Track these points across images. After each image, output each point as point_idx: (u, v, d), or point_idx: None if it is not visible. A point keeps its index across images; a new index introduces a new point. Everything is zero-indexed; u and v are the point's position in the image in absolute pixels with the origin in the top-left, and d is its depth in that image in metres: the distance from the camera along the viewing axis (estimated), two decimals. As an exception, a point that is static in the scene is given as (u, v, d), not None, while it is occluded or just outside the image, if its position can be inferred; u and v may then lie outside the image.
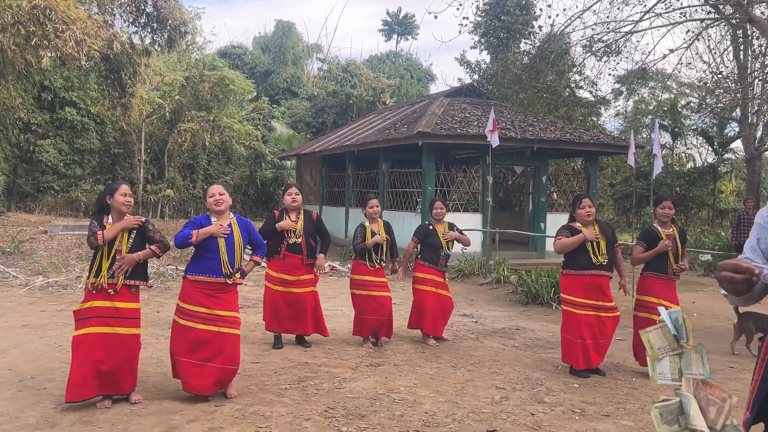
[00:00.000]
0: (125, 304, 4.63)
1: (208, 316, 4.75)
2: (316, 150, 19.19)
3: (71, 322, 7.46)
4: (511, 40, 23.96)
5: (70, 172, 24.40)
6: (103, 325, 4.54)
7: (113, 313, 4.58)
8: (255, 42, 41.74)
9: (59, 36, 15.08)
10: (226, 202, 4.94)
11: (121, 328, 4.59)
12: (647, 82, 23.13)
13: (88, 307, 4.59)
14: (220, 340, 4.77)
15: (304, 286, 6.44)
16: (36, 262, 12.04)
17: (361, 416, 4.51)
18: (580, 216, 5.76)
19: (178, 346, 4.80)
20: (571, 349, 5.70)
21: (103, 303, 4.57)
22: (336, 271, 13.01)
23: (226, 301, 4.85)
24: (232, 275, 4.85)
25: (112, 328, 4.56)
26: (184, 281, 4.92)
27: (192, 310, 4.77)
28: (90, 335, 4.53)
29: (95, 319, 4.55)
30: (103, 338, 4.54)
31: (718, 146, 23.52)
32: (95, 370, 4.50)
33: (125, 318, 4.62)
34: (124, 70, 18.87)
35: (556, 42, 16.03)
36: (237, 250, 4.90)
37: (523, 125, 15.22)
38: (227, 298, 4.87)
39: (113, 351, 4.56)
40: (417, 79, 41.11)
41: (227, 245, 4.85)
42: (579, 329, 5.64)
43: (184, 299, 4.84)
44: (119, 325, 4.59)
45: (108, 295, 4.57)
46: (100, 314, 4.55)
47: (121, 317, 4.60)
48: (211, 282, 4.81)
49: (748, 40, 16.52)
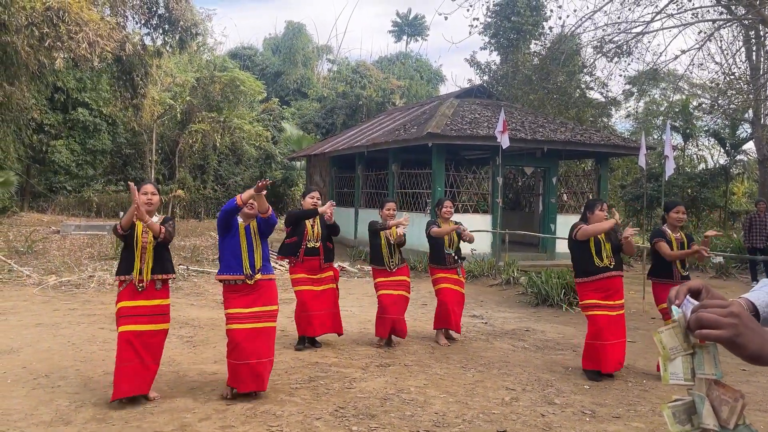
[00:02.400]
0: (153, 302, 4.74)
1: (252, 315, 4.89)
2: (326, 151, 19.23)
3: (84, 321, 7.56)
4: (522, 41, 23.91)
5: (82, 172, 24.60)
6: (133, 323, 4.65)
7: (142, 311, 4.69)
8: (265, 43, 41.88)
9: (72, 37, 15.22)
10: (256, 207, 4.98)
11: (152, 325, 4.71)
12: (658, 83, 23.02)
13: (121, 307, 4.69)
14: (265, 335, 4.90)
15: (325, 283, 6.55)
16: (49, 261, 12.16)
17: (371, 416, 4.53)
18: (599, 218, 5.75)
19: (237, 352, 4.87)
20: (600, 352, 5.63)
21: (131, 303, 4.67)
22: (345, 271, 13.04)
23: (262, 295, 4.97)
24: (253, 276, 4.91)
25: (142, 326, 4.68)
26: (223, 289, 5.06)
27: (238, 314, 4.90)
28: (129, 332, 4.65)
29: (125, 318, 4.66)
30: (133, 336, 4.65)
31: (730, 147, 23.35)
32: (137, 367, 4.63)
33: (156, 314, 4.75)
34: (135, 71, 19.01)
35: (566, 43, 16.00)
36: (257, 253, 4.96)
37: (533, 126, 15.19)
38: (265, 292, 4.99)
39: (144, 348, 4.66)
40: (427, 80, 41.08)
41: (248, 247, 4.93)
42: (608, 329, 5.61)
43: (229, 305, 4.95)
44: (151, 322, 4.70)
45: (135, 294, 4.67)
46: (129, 314, 4.66)
47: (151, 314, 4.72)
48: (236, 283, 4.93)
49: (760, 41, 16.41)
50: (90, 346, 6.39)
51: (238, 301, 4.91)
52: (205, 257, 13.68)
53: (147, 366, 4.70)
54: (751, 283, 12.42)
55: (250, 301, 4.93)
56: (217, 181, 27.99)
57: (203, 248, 15.33)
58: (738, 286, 12.30)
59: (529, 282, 10.34)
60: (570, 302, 9.34)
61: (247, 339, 4.84)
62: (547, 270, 10.59)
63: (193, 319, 7.81)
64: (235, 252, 4.93)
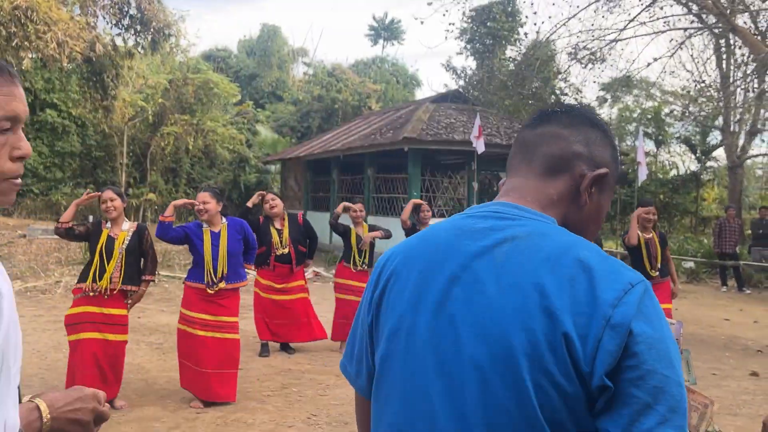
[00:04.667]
0: (115, 311, 4.59)
1: (209, 322, 4.77)
2: (301, 155, 19.10)
3: (50, 327, 7.33)
4: (497, 47, 24.06)
5: (50, 175, 24.06)
6: (95, 330, 4.51)
7: (104, 319, 4.55)
8: (240, 45, 41.56)
9: (41, 37, 14.89)
10: (211, 210, 4.88)
11: (110, 335, 4.56)
12: (631, 90, 23.34)
13: (80, 313, 4.54)
14: (222, 345, 4.78)
15: (293, 293, 6.40)
16: (14, 266, 11.83)
17: (344, 423, 4.44)
18: None
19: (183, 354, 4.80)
20: None
21: (93, 308, 4.52)
22: (320, 276, 12.92)
23: (225, 306, 4.86)
24: (215, 284, 4.78)
25: (102, 334, 4.53)
26: (185, 287, 5.00)
27: (192, 317, 4.80)
28: (82, 341, 4.49)
29: (87, 324, 4.51)
30: (95, 344, 4.51)
31: (700, 154, 23.75)
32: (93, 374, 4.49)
33: (115, 324, 4.60)
34: (106, 72, 18.68)
35: (541, 49, 16.12)
36: (222, 261, 4.84)
37: (508, 131, 15.25)
38: (226, 303, 4.88)
39: (103, 357, 4.53)
40: (403, 84, 41.14)
41: (212, 254, 4.81)
42: None
43: (185, 305, 4.88)
44: (109, 331, 4.56)
45: (99, 301, 4.52)
46: (92, 320, 4.51)
47: (111, 323, 4.57)
48: (202, 288, 4.85)
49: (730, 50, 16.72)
50: (55, 353, 6.18)
51: (196, 306, 4.79)
52: (176, 262, 13.44)
53: (107, 377, 4.54)
54: (721, 288, 12.61)
55: (211, 308, 4.80)
56: (190, 185, 27.63)
57: (174, 253, 15.07)
58: (708, 291, 12.48)
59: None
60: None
61: (204, 347, 4.72)
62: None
63: (164, 326, 7.63)
64: (197, 259, 4.90)
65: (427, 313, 1.03)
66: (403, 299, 1.07)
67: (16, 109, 1.01)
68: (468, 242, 1.04)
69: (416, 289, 1.06)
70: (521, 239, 1.00)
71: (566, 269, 0.94)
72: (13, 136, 1.02)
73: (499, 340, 0.93)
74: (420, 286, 1.05)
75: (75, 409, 1.15)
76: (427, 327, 1.02)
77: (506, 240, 1.01)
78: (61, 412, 1.13)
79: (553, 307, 0.91)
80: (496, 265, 0.99)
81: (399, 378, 1.05)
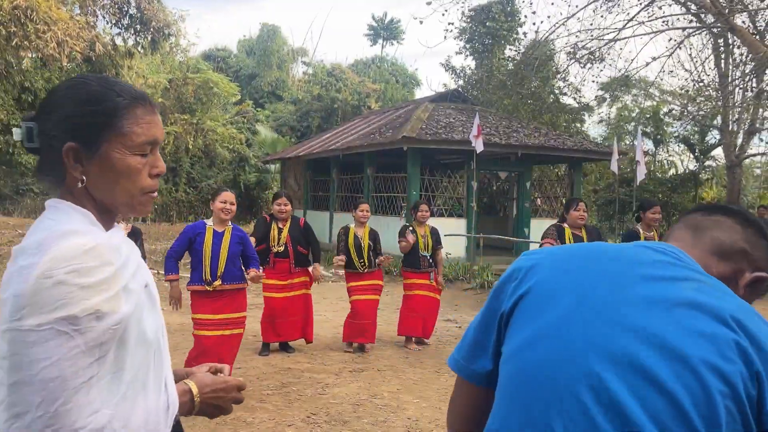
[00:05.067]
0: None
1: (220, 321, 4.85)
2: (300, 154, 19.11)
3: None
4: (496, 46, 24.08)
5: (51, 174, 24.07)
6: None
7: None
8: (239, 45, 41.57)
9: (40, 37, 14.91)
10: (233, 212, 4.98)
11: None
12: (630, 90, 23.34)
13: None
14: (230, 342, 4.93)
15: (297, 289, 6.44)
16: (14, 265, 11.85)
17: (344, 422, 4.47)
18: (573, 218, 5.78)
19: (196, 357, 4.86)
20: None
21: None
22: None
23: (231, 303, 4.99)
24: (212, 282, 4.86)
25: None
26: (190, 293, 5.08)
27: (204, 319, 4.90)
28: None
29: None
30: None
31: (699, 153, 23.78)
32: None
33: None
34: (106, 72, 18.68)
35: (540, 49, 16.13)
36: (222, 260, 4.91)
37: (507, 131, 15.27)
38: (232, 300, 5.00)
39: None
40: (402, 83, 41.16)
41: (212, 252, 4.87)
42: None
43: (195, 310, 4.97)
44: None
45: None
46: None
47: None
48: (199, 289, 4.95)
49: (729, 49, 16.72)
50: (55, 352, 6.21)
51: (206, 307, 4.86)
52: (176, 261, 13.46)
53: None
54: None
55: (218, 307, 4.89)
56: (190, 184, 27.65)
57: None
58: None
59: (503, 286, 10.36)
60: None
61: (215, 345, 4.79)
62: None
63: (163, 324, 7.66)
64: (197, 259, 4.96)
65: (603, 326, 1.03)
66: (557, 309, 1.08)
67: (155, 134, 1.22)
68: (649, 270, 1.10)
69: (579, 305, 1.07)
70: (704, 282, 1.09)
71: (752, 315, 1.03)
72: (152, 156, 1.22)
73: (687, 363, 0.96)
74: (585, 305, 1.06)
75: (218, 396, 1.33)
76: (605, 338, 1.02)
77: (692, 278, 1.09)
78: (206, 396, 1.31)
79: (745, 344, 0.98)
80: (686, 296, 1.04)
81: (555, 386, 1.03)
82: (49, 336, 1.01)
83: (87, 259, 1.06)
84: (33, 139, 1.18)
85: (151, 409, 1.15)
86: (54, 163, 1.17)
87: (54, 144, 1.15)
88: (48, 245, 1.06)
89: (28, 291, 1.02)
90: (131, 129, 1.17)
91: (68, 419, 1.01)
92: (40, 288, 1.01)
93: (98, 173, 1.16)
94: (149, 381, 1.16)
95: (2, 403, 1.03)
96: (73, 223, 1.13)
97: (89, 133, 1.15)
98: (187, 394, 1.29)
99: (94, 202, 1.19)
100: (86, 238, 1.09)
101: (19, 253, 1.09)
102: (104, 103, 1.16)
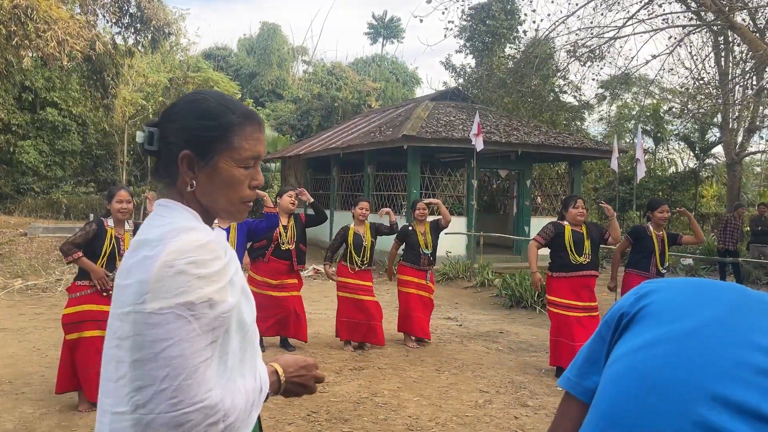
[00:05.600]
0: None
1: None
2: (301, 152, 19.12)
3: (50, 325, 7.37)
4: (496, 45, 24.06)
5: (51, 173, 24.08)
6: (97, 329, 4.52)
7: (106, 317, 4.56)
8: (240, 44, 41.55)
9: (41, 36, 14.91)
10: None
11: None
12: (630, 88, 23.33)
13: (81, 311, 4.55)
14: None
15: (287, 290, 6.42)
16: (15, 264, 11.87)
17: (344, 420, 4.48)
18: (572, 215, 5.80)
19: None
20: (563, 351, 5.69)
21: (95, 307, 4.54)
22: (320, 274, 12.96)
23: None
24: None
25: (104, 332, 4.54)
26: None
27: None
28: (85, 339, 4.50)
29: (90, 323, 4.51)
30: (99, 342, 4.54)
31: (699, 151, 23.77)
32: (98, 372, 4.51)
33: None
34: (106, 71, 18.70)
35: (540, 47, 16.13)
36: None
37: (507, 129, 15.28)
38: None
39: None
40: (402, 82, 41.14)
41: None
42: (570, 331, 5.64)
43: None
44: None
45: (100, 299, 4.54)
46: (94, 318, 4.52)
47: None
48: None
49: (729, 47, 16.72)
50: (56, 351, 6.21)
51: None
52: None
53: None
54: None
55: None
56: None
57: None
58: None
59: (504, 284, 10.38)
60: (543, 304, 9.38)
61: None
62: (521, 272, 10.63)
63: (164, 323, 7.67)
64: None
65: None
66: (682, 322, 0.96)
67: (260, 150, 1.33)
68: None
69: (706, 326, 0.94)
70: None
71: None
72: (254, 170, 1.33)
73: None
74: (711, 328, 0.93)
75: (301, 375, 1.45)
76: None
77: None
78: (291, 376, 1.43)
79: None
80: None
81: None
82: (170, 319, 1.12)
83: (203, 252, 1.17)
84: (152, 142, 1.32)
85: (249, 390, 1.26)
86: (169, 167, 1.31)
87: (172, 150, 1.29)
88: (169, 238, 1.18)
89: (151, 278, 1.13)
90: (240, 144, 1.29)
91: (189, 393, 1.12)
92: (162, 276, 1.13)
93: (206, 181, 1.29)
94: (246, 365, 1.29)
95: (124, 377, 1.15)
96: (188, 221, 1.26)
97: (203, 144, 1.28)
98: (274, 375, 1.40)
99: (199, 206, 1.31)
100: (201, 234, 1.21)
101: (141, 245, 1.20)
102: (220, 119, 1.29)
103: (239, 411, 1.21)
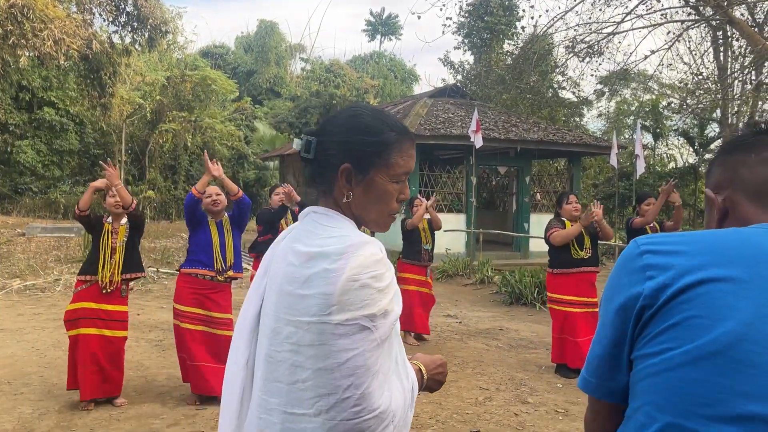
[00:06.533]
0: (114, 307, 4.62)
1: (199, 317, 4.71)
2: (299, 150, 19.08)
3: (49, 325, 7.35)
4: (495, 41, 24.02)
5: (49, 173, 24.03)
6: (93, 326, 4.53)
7: (102, 315, 4.58)
8: (237, 42, 41.47)
9: (37, 35, 14.86)
10: (223, 202, 4.86)
11: (108, 331, 4.59)
12: (629, 83, 23.31)
13: (78, 308, 4.56)
14: (215, 340, 4.71)
15: None
16: (13, 264, 11.84)
17: (344, 419, 4.46)
18: (567, 211, 5.81)
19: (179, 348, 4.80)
20: (567, 348, 5.67)
21: (92, 305, 4.55)
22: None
23: (216, 302, 4.78)
24: (224, 272, 4.76)
25: (100, 330, 4.56)
26: (178, 279, 4.84)
27: (184, 311, 4.73)
28: (81, 336, 4.52)
29: (85, 320, 4.53)
30: (93, 340, 4.53)
31: (698, 147, 23.77)
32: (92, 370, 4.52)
33: (114, 321, 4.63)
34: (103, 70, 18.64)
35: (538, 43, 16.09)
36: (228, 246, 4.83)
37: (506, 126, 15.25)
38: (217, 298, 4.80)
39: (102, 354, 4.55)
40: (401, 79, 41.11)
41: (220, 242, 4.78)
42: (573, 328, 5.63)
43: (178, 300, 4.78)
44: (108, 327, 4.58)
45: (98, 297, 4.54)
46: (89, 316, 4.53)
47: (109, 320, 4.60)
48: (203, 278, 4.72)
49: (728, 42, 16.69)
50: (54, 351, 6.20)
51: (191, 300, 4.70)
52: (175, 259, 13.45)
53: (108, 374, 4.57)
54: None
55: (201, 303, 4.71)
56: (189, 182, 27.59)
57: (174, 250, 15.08)
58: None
59: (503, 281, 10.37)
60: (543, 301, 9.37)
61: (195, 341, 4.67)
62: (521, 269, 10.62)
63: (163, 323, 7.64)
64: (206, 247, 4.75)
65: None
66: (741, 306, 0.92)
67: (411, 166, 1.40)
68: None
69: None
70: None
71: None
72: (403, 184, 1.39)
73: None
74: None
75: (438, 372, 1.55)
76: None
77: None
78: (432, 373, 1.53)
79: None
80: None
81: None
82: (355, 330, 1.20)
83: (380, 266, 1.25)
84: (309, 150, 1.37)
85: (406, 390, 1.33)
86: (326, 176, 1.36)
87: (330, 161, 1.34)
88: (350, 253, 1.23)
89: (337, 291, 1.20)
90: (396, 161, 1.36)
91: (371, 400, 1.20)
92: (348, 289, 1.20)
93: (362, 193, 1.35)
94: (400, 366, 1.35)
95: (305, 382, 1.22)
96: (358, 234, 1.32)
97: (363, 159, 1.34)
98: (419, 374, 1.47)
99: (352, 215, 1.37)
100: (375, 248, 1.27)
101: (318, 257, 1.25)
102: (380, 136, 1.34)
103: (401, 411, 1.28)
